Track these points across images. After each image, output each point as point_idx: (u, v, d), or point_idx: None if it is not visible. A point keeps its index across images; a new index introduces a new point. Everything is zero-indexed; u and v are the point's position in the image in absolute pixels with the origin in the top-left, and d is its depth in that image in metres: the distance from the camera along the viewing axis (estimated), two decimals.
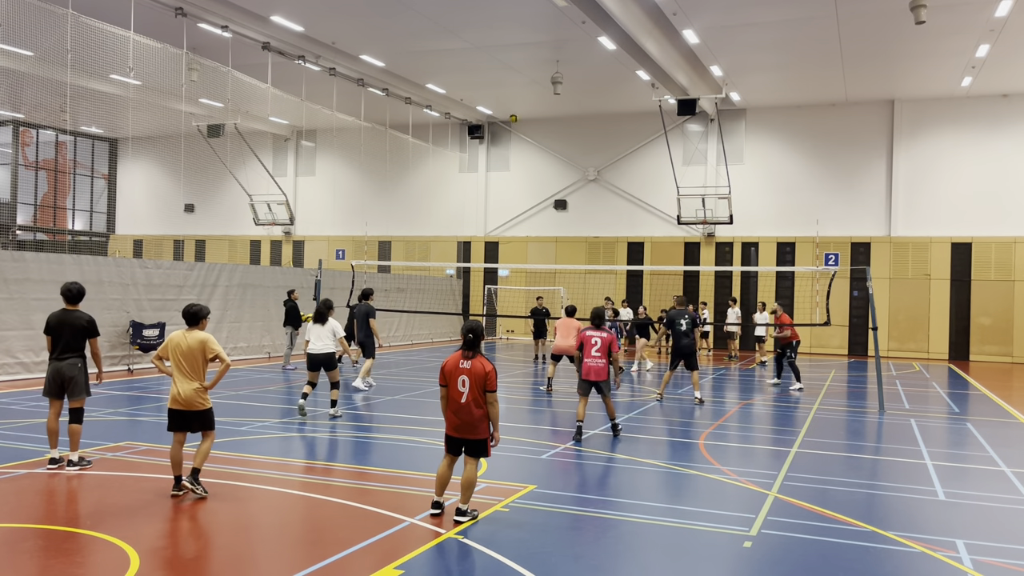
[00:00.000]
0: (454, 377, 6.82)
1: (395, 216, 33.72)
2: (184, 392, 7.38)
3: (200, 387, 7.46)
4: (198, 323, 7.59)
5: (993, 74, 24.02)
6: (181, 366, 7.40)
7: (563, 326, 15.78)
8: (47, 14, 17.39)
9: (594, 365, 10.74)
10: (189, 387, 7.40)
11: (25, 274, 15.18)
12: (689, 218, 26.33)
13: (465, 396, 6.76)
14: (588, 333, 10.87)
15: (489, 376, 6.76)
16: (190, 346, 7.41)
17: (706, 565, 6.03)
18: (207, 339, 7.49)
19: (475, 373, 6.76)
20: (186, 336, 7.47)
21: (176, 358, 7.42)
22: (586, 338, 10.85)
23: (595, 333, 10.84)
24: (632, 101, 28.21)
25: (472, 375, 6.76)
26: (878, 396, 14.54)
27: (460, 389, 6.78)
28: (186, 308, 7.63)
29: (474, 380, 6.75)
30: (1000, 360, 26.34)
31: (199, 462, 7.39)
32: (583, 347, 10.85)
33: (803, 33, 21.15)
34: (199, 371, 7.45)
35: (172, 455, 7.46)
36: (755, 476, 8.78)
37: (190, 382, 7.41)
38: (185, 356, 7.39)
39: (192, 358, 7.40)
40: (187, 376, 7.41)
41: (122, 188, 39.19)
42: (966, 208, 26.85)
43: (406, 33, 22.13)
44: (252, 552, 6.18)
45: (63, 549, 5.98)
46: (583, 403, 10.81)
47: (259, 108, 27.10)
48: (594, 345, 10.76)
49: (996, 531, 7.06)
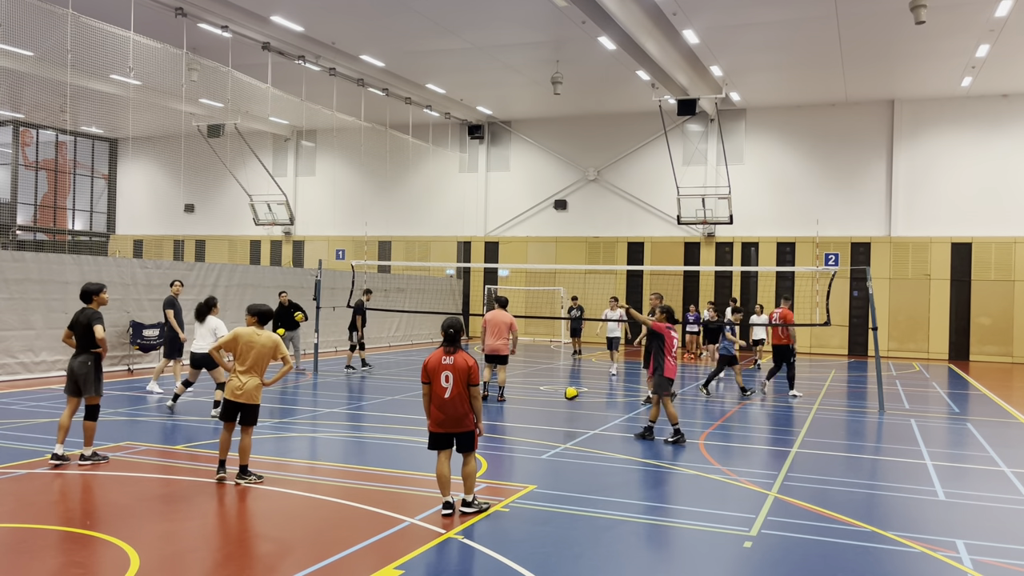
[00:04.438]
0: (437, 373, 6.93)
1: (395, 216, 33.73)
2: (248, 386, 7.70)
3: (260, 383, 7.81)
4: (267, 322, 7.95)
5: (993, 74, 24.02)
6: (248, 361, 7.70)
7: (493, 321, 13.86)
8: (47, 14, 17.39)
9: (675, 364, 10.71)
10: (252, 381, 7.72)
11: (25, 274, 15.18)
12: (689, 218, 26.33)
13: (449, 391, 6.88)
14: (674, 333, 10.80)
15: (472, 370, 6.91)
16: (264, 344, 7.78)
17: (706, 565, 6.03)
18: (279, 341, 7.91)
19: (458, 368, 6.89)
20: (259, 334, 7.78)
21: (245, 353, 7.71)
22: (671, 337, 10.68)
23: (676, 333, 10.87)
24: (632, 101, 28.21)
25: (456, 370, 6.89)
26: (878, 396, 14.54)
27: (444, 385, 6.90)
28: (258, 306, 7.98)
29: (458, 375, 6.88)
30: (1000, 360, 26.34)
31: (245, 459, 7.78)
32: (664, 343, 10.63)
33: (803, 33, 21.15)
34: (262, 369, 7.82)
35: (222, 440, 7.86)
36: (755, 476, 8.78)
37: (253, 377, 7.73)
38: (257, 353, 7.71)
39: (262, 356, 7.75)
40: (252, 371, 7.73)
41: (122, 188, 39.20)
42: (966, 208, 26.85)
43: (406, 33, 22.13)
44: (252, 552, 6.18)
45: (63, 549, 5.98)
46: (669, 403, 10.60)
47: (259, 108, 27.10)
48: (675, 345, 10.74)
49: (996, 531, 7.06)
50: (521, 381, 17.54)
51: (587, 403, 14.62)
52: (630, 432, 11.39)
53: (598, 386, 17.05)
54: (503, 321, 13.79)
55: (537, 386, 16.81)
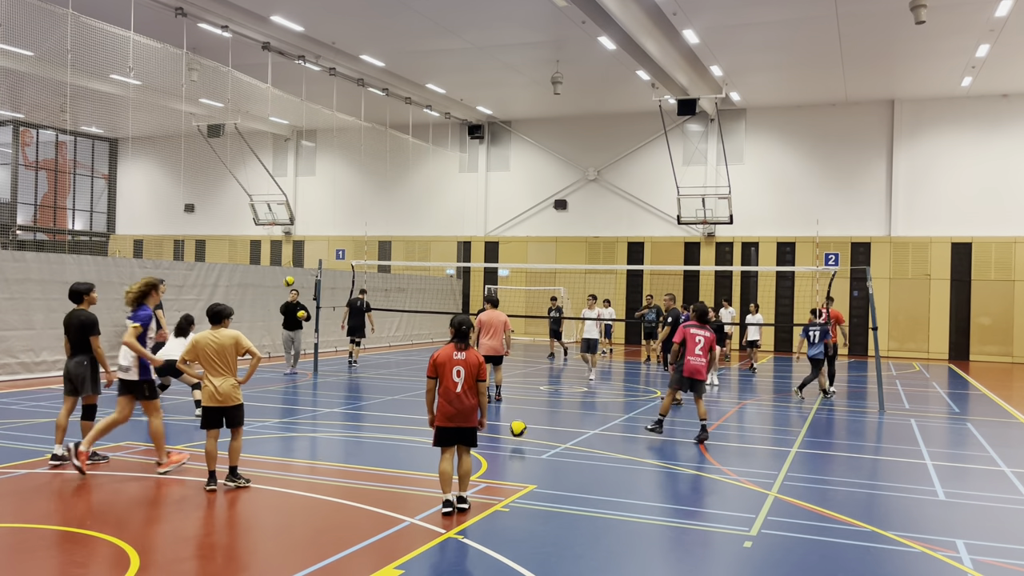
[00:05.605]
0: (448, 368, 7.04)
1: (395, 216, 33.73)
2: (223, 389, 7.54)
3: (235, 382, 7.65)
4: (221, 321, 7.75)
5: (993, 74, 24.02)
6: (214, 364, 7.55)
7: (488, 322, 13.74)
8: (47, 14, 17.39)
9: (696, 363, 10.80)
10: (226, 383, 7.57)
11: (25, 274, 15.18)
12: (689, 218, 26.33)
13: (460, 386, 7.04)
14: (693, 331, 10.90)
15: (482, 367, 7.13)
16: (222, 343, 7.58)
17: (706, 565, 6.03)
18: (238, 335, 7.70)
19: (470, 364, 7.07)
20: (215, 335, 7.62)
21: (207, 357, 7.55)
22: (690, 335, 10.88)
23: (699, 331, 10.91)
24: (632, 101, 28.21)
25: (467, 365, 7.06)
26: (878, 396, 14.54)
27: (455, 380, 7.02)
28: (211, 307, 7.79)
29: (469, 370, 7.06)
30: (1000, 360, 26.34)
31: (235, 460, 7.63)
32: (685, 343, 10.87)
33: (803, 33, 21.15)
34: (232, 367, 7.64)
35: (208, 449, 7.62)
36: (755, 476, 8.77)
37: (226, 378, 7.58)
38: (217, 353, 7.54)
39: (224, 355, 7.57)
40: (222, 373, 7.57)
41: (122, 188, 39.20)
42: (966, 208, 26.85)
43: (406, 33, 22.14)
44: (252, 552, 6.18)
45: (63, 549, 5.98)
46: (671, 396, 11.10)
47: (259, 108, 27.10)
48: (698, 343, 10.82)
49: (996, 531, 7.06)
50: (521, 381, 17.54)
51: (587, 403, 14.62)
52: (630, 432, 11.40)
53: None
54: (498, 321, 13.78)
55: (537, 386, 16.81)
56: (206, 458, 7.60)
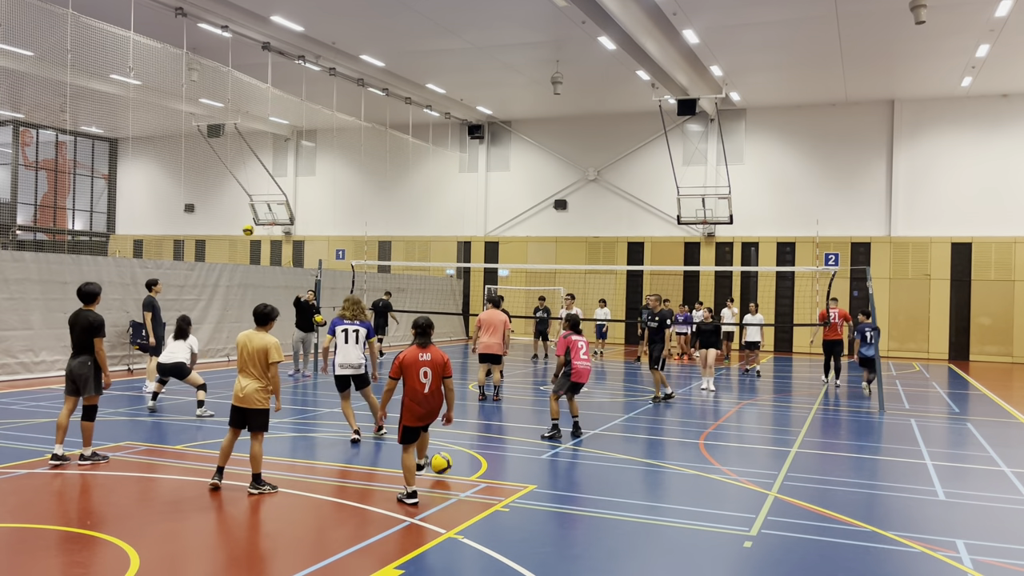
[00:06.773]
0: (414, 370, 7.26)
1: (395, 216, 33.73)
2: (245, 390, 7.57)
3: (261, 387, 7.58)
4: (266, 324, 7.75)
5: (993, 74, 24.02)
6: (246, 366, 7.61)
7: (488, 320, 13.89)
8: (47, 14, 17.39)
9: (583, 367, 10.69)
10: (251, 385, 7.57)
11: (25, 274, 15.18)
12: (689, 218, 26.32)
13: (428, 386, 7.29)
14: (574, 338, 10.81)
15: (447, 364, 7.38)
16: (256, 349, 7.59)
17: (706, 565, 6.03)
18: (269, 348, 7.58)
19: (435, 363, 7.34)
20: (251, 339, 7.63)
21: (241, 356, 7.64)
22: (573, 343, 10.77)
23: (580, 337, 10.88)
24: (632, 101, 28.21)
25: (433, 366, 7.32)
26: (878, 396, 14.54)
27: (423, 380, 7.27)
28: (258, 307, 7.81)
29: (435, 370, 7.32)
30: (1000, 360, 26.34)
31: (256, 467, 7.58)
32: (570, 352, 10.73)
33: (803, 33, 21.15)
34: (259, 372, 7.60)
35: (223, 446, 7.67)
36: (755, 476, 8.77)
37: (252, 380, 7.59)
38: (250, 357, 7.61)
39: (254, 359, 7.61)
40: (250, 375, 7.61)
41: (122, 188, 39.20)
42: (966, 208, 26.85)
43: (406, 33, 22.14)
44: (252, 552, 6.18)
45: (63, 549, 5.98)
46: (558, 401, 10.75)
47: (259, 108, 27.09)
48: (581, 349, 10.76)
49: (996, 531, 7.06)
50: (520, 381, 17.54)
51: (587, 403, 14.62)
52: (630, 432, 11.40)
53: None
54: (498, 320, 13.83)
55: (537, 386, 16.81)
56: (220, 453, 7.70)
